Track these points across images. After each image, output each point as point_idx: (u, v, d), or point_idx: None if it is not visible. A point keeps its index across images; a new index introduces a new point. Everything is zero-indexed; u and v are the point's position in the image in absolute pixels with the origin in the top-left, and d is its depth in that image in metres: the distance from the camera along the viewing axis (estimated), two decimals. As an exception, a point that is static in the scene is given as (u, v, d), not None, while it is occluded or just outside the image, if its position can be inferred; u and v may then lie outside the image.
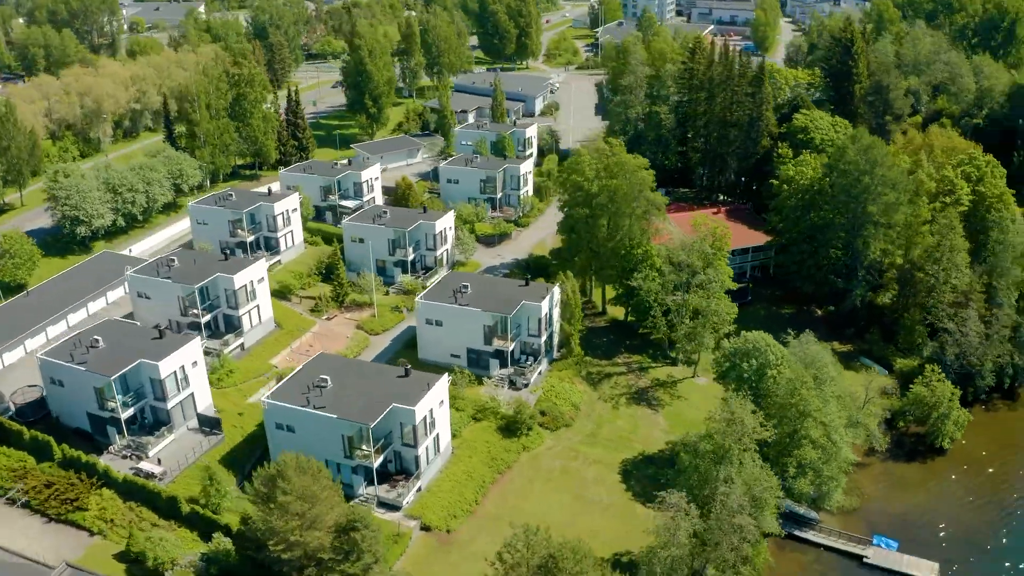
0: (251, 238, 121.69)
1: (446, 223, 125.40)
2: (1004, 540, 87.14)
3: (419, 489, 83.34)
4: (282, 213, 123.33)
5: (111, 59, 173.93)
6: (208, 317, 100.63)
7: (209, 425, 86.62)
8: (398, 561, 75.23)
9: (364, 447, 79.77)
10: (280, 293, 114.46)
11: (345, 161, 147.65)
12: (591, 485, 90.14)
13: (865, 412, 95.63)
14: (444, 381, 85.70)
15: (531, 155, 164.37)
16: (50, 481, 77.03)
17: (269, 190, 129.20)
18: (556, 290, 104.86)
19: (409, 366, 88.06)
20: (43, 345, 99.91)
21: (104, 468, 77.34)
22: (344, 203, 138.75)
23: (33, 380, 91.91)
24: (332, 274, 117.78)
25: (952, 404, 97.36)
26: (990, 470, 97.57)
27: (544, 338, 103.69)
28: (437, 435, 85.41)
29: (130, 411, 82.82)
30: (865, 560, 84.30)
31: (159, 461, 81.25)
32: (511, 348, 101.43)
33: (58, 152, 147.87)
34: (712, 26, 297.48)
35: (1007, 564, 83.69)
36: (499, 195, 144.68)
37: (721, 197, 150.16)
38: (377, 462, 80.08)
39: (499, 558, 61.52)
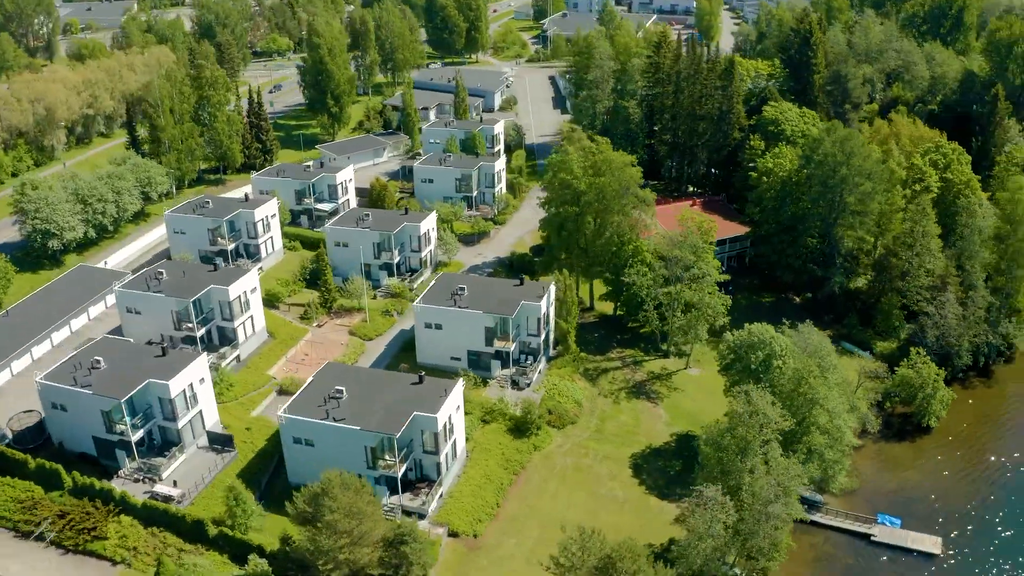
0: (231, 246, 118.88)
1: (429, 224, 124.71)
2: (997, 511, 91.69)
3: (441, 496, 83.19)
4: (262, 219, 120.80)
5: (61, 63, 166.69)
6: (203, 331, 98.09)
7: (220, 442, 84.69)
8: (431, 570, 75.11)
9: (388, 457, 79.27)
10: (268, 301, 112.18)
11: (317, 163, 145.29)
12: (605, 481, 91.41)
13: (857, 396, 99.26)
14: (459, 386, 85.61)
15: (499, 152, 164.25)
16: (63, 511, 74.50)
17: (246, 196, 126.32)
18: (552, 288, 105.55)
19: (423, 373, 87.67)
20: (29, 367, 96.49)
21: (121, 494, 75.00)
22: (320, 206, 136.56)
23: (22, 403, 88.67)
24: (319, 280, 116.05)
25: (937, 384, 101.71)
26: (973, 445, 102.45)
27: (543, 337, 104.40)
28: (454, 440, 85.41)
29: (140, 433, 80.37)
30: (872, 539, 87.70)
31: (175, 483, 79.11)
32: (512, 349, 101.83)
33: (11, 162, 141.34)
34: (654, 16, 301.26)
35: (1006, 534, 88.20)
36: (475, 193, 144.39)
37: (691, 188, 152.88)
38: (400, 471, 79.62)
39: (555, 562, 62.04)
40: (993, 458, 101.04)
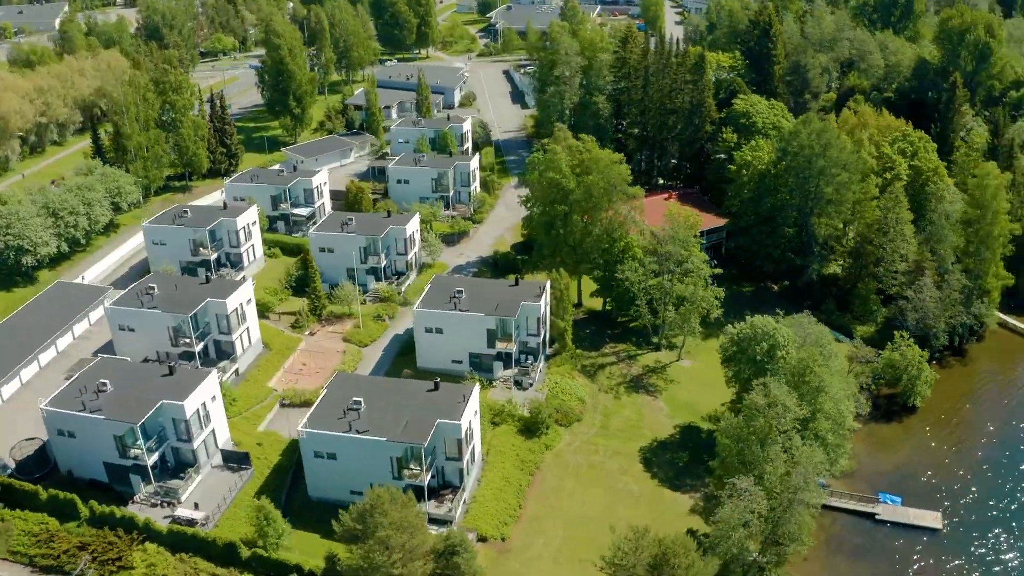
0: (214, 256, 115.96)
1: (414, 226, 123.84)
2: (989, 483, 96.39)
3: (464, 501, 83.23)
4: (244, 227, 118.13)
5: (2, 69, 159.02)
6: (200, 345, 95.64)
7: (236, 460, 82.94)
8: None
9: (413, 466, 78.89)
10: (258, 311, 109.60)
11: (289, 166, 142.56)
12: (618, 476, 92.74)
13: (849, 380, 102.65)
14: (476, 391, 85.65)
15: (468, 149, 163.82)
16: (83, 543, 72.13)
17: (225, 204, 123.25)
18: (548, 287, 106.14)
19: (439, 379, 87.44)
20: (19, 391, 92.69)
21: (145, 521, 72.85)
22: (297, 211, 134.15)
23: (17, 430, 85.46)
24: (307, 287, 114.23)
25: (922, 365, 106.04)
26: (958, 421, 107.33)
27: (542, 336, 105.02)
28: (473, 445, 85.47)
29: (155, 456, 78.13)
30: (877, 517, 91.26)
31: (196, 505, 77.20)
32: (514, 349, 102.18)
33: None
34: (598, 7, 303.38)
35: (1001, 505, 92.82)
36: (451, 193, 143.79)
37: (660, 181, 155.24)
38: (427, 480, 79.35)
39: (609, 563, 62.84)
40: (979, 433, 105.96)
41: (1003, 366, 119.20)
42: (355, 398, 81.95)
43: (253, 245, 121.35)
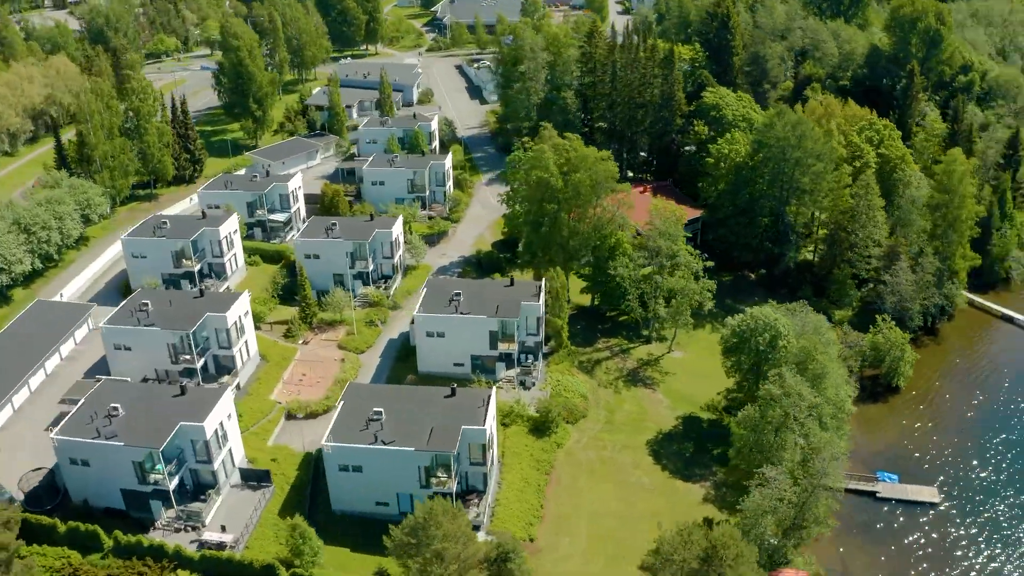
0: (197, 267, 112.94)
1: (399, 229, 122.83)
2: (977, 456, 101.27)
3: (490, 505, 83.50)
4: (226, 236, 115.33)
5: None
6: (201, 361, 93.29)
7: (256, 478, 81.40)
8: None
9: (441, 474, 78.77)
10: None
11: (262, 171, 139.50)
12: (630, 470, 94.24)
13: (840, 364, 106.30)
14: (494, 394, 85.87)
15: (436, 148, 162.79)
16: (110, 575, 69.78)
17: (203, 213, 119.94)
18: (543, 286, 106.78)
19: (455, 385, 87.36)
20: (12, 417, 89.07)
21: (175, 548, 71.00)
22: (274, 217, 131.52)
23: (18, 459, 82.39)
24: (296, 295, 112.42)
25: (904, 347, 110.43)
26: (940, 399, 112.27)
27: (541, 335, 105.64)
28: (493, 449, 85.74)
29: (176, 480, 76.09)
30: (877, 495, 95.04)
31: (223, 528, 75.54)
32: (515, 349, 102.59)
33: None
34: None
35: (991, 475, 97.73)
36: (427, 193, 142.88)
37: (630, 175, 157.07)
38: (454, 487, 79.31)
39: (659, 558, 64.00)
40: (960, 407, 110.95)
41: (973, 343, 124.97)
42: (375, 409, 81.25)
43: (235, 254, 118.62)
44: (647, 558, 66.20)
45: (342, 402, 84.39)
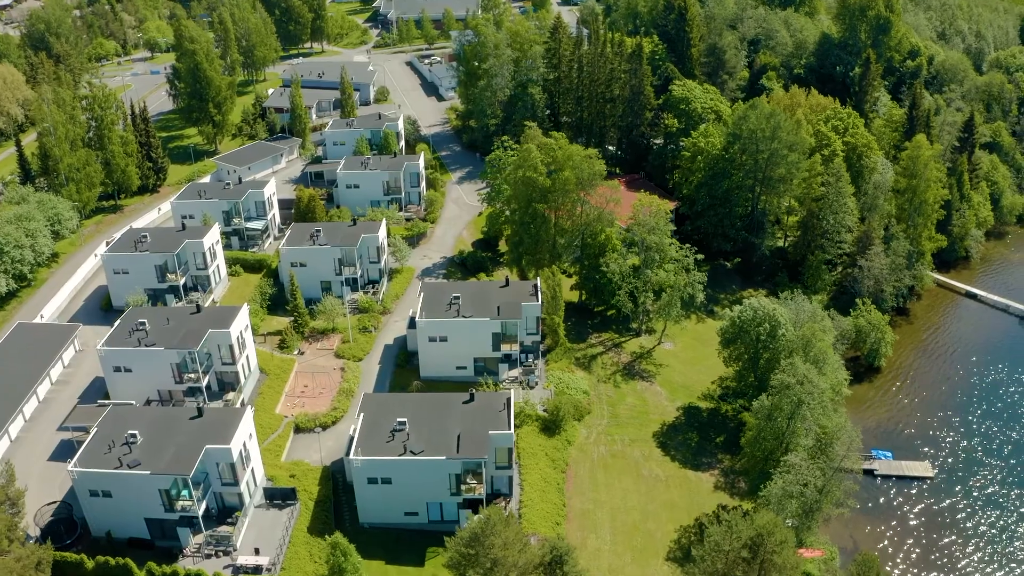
0: (182, 280, 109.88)
1: (384, 233, 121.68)
2: (961, 427, 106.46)
3: (516, 507, 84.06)
4: (209, 248, 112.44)
5: None
6: (206, 379, 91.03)
7: (281, 497, 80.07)
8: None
9: (471, 480, 78.93)
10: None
11: (235, 178, 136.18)
12: (643, 463, 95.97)
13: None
14: (512, 397, 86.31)
15: (403, 148, 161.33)
16: (147, 606, 68.03)
17: (183, 224, 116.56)
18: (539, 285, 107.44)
19: (474, 390, 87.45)
20: (10, 448, 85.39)
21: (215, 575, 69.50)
22: (251, 225, 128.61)
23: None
24: (287, 305, 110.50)
25: (884, 328, 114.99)
26: (919, 375, 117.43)
27: (540, 334, 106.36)
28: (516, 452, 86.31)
29: (203, 505, 74.31)
30: (875, 472, 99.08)
31: (257, 551, 74.16)
32: (516, 350, 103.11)
33: None
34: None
35: (977, 446, 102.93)
36: (403, 194, 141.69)
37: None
38: (484, 492, 79.61)
39: (708, 548, 65.64)
40: (939, 383, 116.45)
41: (942, 320, 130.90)
42: (398, 419, 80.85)
43: (218, 265, 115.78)
44: (695, 549, 67.77)
45: (361, 413, 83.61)
